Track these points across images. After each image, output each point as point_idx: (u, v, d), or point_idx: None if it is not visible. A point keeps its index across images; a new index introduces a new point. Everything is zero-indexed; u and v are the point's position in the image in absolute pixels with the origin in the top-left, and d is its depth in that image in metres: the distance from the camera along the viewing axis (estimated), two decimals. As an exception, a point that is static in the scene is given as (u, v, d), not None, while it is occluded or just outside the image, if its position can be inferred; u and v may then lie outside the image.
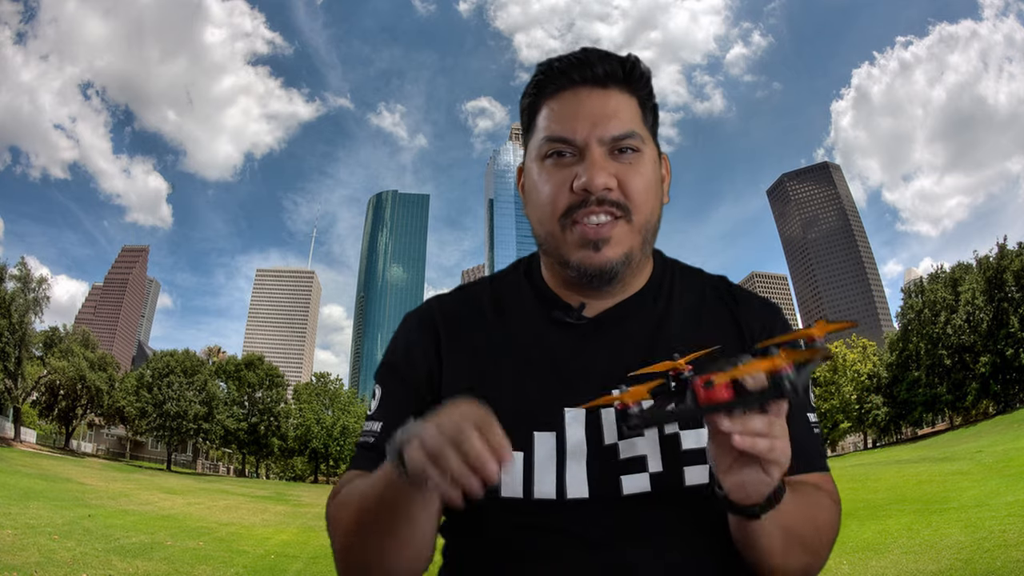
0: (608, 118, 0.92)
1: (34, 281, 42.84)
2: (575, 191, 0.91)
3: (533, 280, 1.05)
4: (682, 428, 0.90)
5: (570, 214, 0.92)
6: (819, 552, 0.91)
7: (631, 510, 0.88)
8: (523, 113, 1.00)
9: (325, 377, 63.30)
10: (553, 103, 0.95)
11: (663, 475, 0.89)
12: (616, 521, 0.88)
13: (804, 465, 0.94)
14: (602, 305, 0.99)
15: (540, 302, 1.01)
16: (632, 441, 0.89)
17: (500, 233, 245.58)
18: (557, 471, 0.89)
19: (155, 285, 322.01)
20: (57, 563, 7.42)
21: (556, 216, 0.93)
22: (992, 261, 43.45)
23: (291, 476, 64.07)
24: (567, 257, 0.94)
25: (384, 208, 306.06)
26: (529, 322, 0.99)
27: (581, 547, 0.88)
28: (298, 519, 18.16)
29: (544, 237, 0.97)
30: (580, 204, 0.91)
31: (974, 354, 42.91)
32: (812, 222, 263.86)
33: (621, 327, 0.97)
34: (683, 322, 0.99)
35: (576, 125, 0.92)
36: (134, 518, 13.41)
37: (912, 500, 11.61)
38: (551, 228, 0.94)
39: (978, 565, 6.33)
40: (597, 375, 0.92)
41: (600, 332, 0.97)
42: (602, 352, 0.95)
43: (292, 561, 9.86)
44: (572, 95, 0.94)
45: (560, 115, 0.94)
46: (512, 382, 0.94)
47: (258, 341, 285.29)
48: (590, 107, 0.93)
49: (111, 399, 48.78)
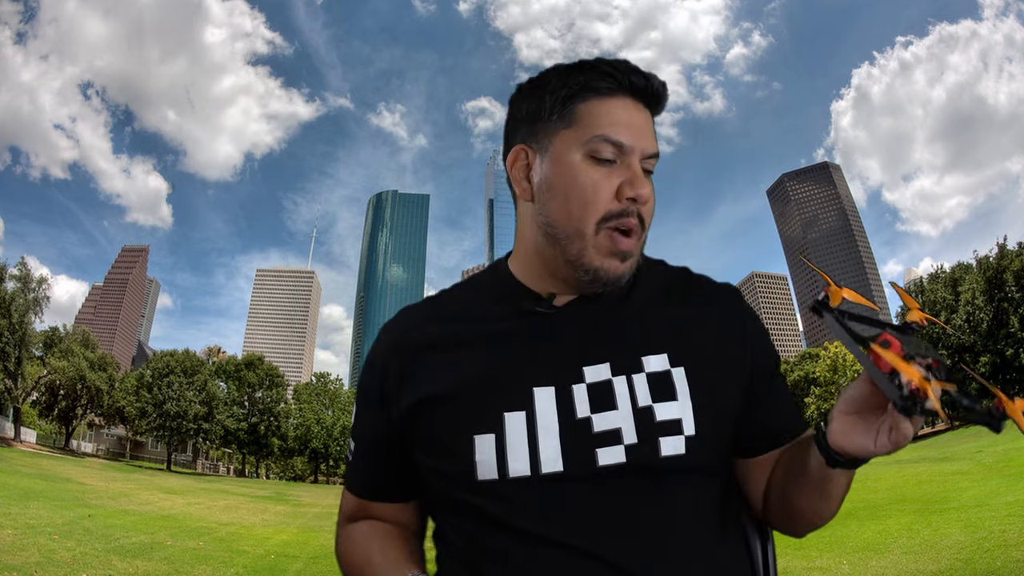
0: (649, 134, 0.96)
1: (34, 281, 42.83)
2: (622, 199, 0.92)
3: (500, 274, 1.06)
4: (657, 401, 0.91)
5: (608, 220, 0.93)
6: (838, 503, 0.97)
7: (607, 484, 0.88)
8: (555, 102, 0.97)
9: (325, 377, 63.34)
10: (607, 103, 0.95)
11: (638, 447, 0.88)
12: (593, 498, 0.87)
13: (804, 427, 1.02)
14: (570, 296, 1.00)
15: (509, 293, 1.02)
16: (606, 414, 0.90)
17: (500, 233, 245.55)
18: (530, 447, 0.89)
19: (155, 285, 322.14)
20: (57, 563, 7.41)
21: (595, 218, 0.93)
22: (992, 261, 43.45)
23: (291, 476, 64.15)
24: (588, 260, 0.94)
25: (384, 208, 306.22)
26: (496, 312, 1.01)
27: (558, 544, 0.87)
28: (298, 519, 18.16)
29: (571, 232, 0.95)
30: (621, 213, 0.93)
31: (974, 354, 42.93)
32: (812, 222, 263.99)
33: (589, 311, 0.99)
34: (648, 300, 1.01)
35: (631, 133, 0.94)
36: (134, 518, 13.41)
37: (912, 500, 11.62)
38: (582, 228, 0.93)
39: (978, 565, 6.34)
40: (566, 354, 0.94)
41: (568, 317, 0.98)
42: (571, 332, 0.96)
43: (292, 561, 9.86)
44: (622, 103, 0.95)
45: (615, 118, 0.94)
46: (481, 368, 0.95)
47: (258, 341, 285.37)
48: (639, 120, 0.95)
49: (111, 399, 48.78)
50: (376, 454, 1.04)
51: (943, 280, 47.38)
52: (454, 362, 0.97)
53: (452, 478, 0.92)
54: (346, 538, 1.06)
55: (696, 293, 1.04)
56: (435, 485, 0.97)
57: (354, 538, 1.05)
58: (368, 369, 1.06)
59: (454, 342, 0.99)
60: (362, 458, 1.06)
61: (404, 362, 1.01)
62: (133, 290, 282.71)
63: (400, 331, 1.04)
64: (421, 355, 1.00)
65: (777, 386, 1.02)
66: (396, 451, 1.01)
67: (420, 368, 0.99)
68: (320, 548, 11.47)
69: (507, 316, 1.00)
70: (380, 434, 1.02)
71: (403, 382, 0.99)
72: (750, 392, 0.98)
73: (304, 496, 30.79)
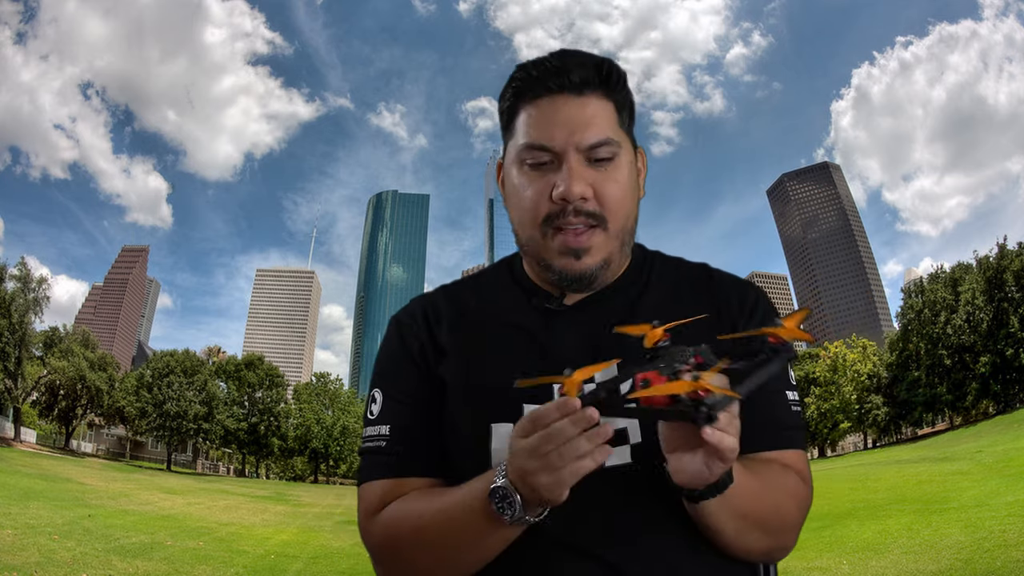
0: (585, 126, 0.93)
1: (34, 281, 42.86)
2: (554, 200, 0.93)
3: (515, 272, 1.08)
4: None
5: (551, 222, 0.95)
6: (782, 534, 0.93)
7: (612, 483, 0.88)
8: (502, 115, 1.02)
9: (325, 377, 63.33)
10: (531, 109, 0.96)
11: (643, 446, 0.89)
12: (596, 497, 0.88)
13: (776, 442, 0.97)
14: (581, 295, 1.02)
15: (521, 291, 1.05)
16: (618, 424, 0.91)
17: (500, 233, 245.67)
18: None
19: (155, 285, 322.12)
20: (57, 563, 7.42)
21: (537, 223, 0.96)
22: (992, 261, 43.45)
23: (291, 476, 64.12)
24: (549, 262, 0.97)
25: (384, 208, 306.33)
26: (510, 308, 1.03)
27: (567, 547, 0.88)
28: (298, 519, 18.16)
29: (525, 240, 1.00)
30: (560, 213, 0.94)
31: (974, 354, 42.90)
32: (812, 222, 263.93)
33: (599, 309, 1.00)
34: (660, 300, 1.02)
35: (554, 132, 0.93)
36: (134, 518, 13.41)
37: (912, 500, 11.61)
38: (532, 233, 0.97)
39: (978, 565, 6.34)
40: (576, 352, 0.95)
41: (579, 315, 1.00)
42: (581, 330, 0.98)
43: (292, 561, 9.86)
44: (549, 102, 0.95)
45: (538, 122, 0.95)
46: (497, 362, 0.97)
47: (258, 341, 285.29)
48: (567, 114, 0.94)
49: (111, 399, 48.77)
50: (418, 415, 0.99)
51: (943, 280, 47.34)
52: (474, 349, 1.00)
53: (462, 465, 0.93)
54: (388, 516, 0.94)
55: (710, 292, 1.04)
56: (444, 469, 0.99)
57: (401, 508, 0.94)
58: (397, 351, 1.05)
59: (474, 331, 1.01)
60: (402, 427, 1.00)
61: (435, 334, 1.03)
62: (133, 290, 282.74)
63: (427, 305, 1.07)
64: (447, 334, 1.02)
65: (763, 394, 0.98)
66: (437, 410, 0.99)
67: (450, 343, 1.02)
68: (320, 548, 11.47)
69: (522, 311, 1.02)
70: (422, 391, 1.00)
71: (438, 351, 1.02)
72: None
73: (304, 496, 30.78)
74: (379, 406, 1.03)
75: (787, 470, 0.96)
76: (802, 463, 0.99)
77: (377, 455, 0.99)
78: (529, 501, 0.78)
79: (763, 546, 0.92)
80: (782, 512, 0.92)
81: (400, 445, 0.99)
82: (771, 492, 0.91)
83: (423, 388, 1.01)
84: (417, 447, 0.98)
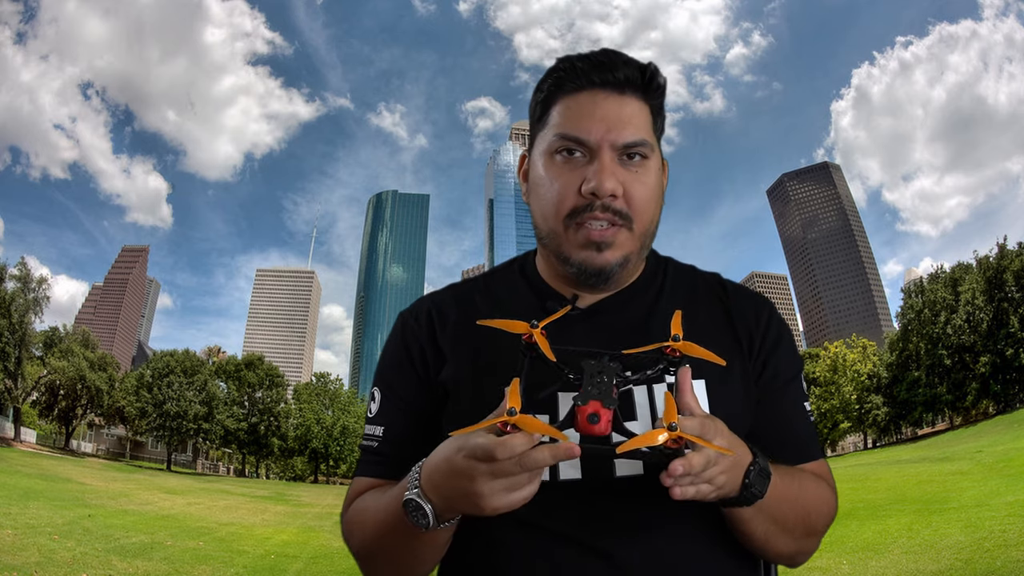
0: (623, 124, 0.93)
1: (34, 281, 42.88)
2: (583, 194, 0.93)
3: (527, 274, 1.07)
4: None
5: (575, 216, 0.94)
6: (808, 539, 0.96)
7: (622, 493, 0.89)
8: (536, 105, 1.00)
9: (325, 377, 63.30)
10: (570, 101, 0.96)
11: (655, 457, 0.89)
12: (607, 505, 0.89)
13: (803, 457, 1.00)
14: (595, 298, 1.01)
15: (534, 293, 1.04)
16: (625, 424, 0.89)
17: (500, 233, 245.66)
18: None
19: (155, 285, 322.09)
20: (57, 563, 7.42)
21: (561, 215, 0.95)
22: (992, 261, 43.47)
23: (291, 476, 64.06)
24: (569, 255, 0.96)
25: (384, 208, 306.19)
26: (523, 311, 1.01)
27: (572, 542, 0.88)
28: (298, 519, 18.16)
29: (546, 232, 0.98)
30: (586, 207, 0.93)
31: (974, 354, 42.91)
32: (812, 222, 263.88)
33: (612, 315, 1.00)
34: (676, 307, 1.00)
35: (591, 126, 0.93)
36: (134, 518, 13.41)
37: (912, 500, 11.62)
38: (554, 226, 0.96)
39: (978, 565, 6.34)
40: None
41: (592, 319, 1.00)
42: (595, 337, 0.97)
43: (292, 561, 9.86)
44: (590, 96, 0.94)
45: (576, 114, 0.94)
46: (508, 367, 0.95)
47: (258, 341, 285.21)
48: (606, 110, 0.94)
49: (111, 399, 48.78)
50: (410, 422, 1.02)
51: (943, 280, 47.35)
52: (482, 356, 0.98)
53: None
54: (352, 509, 1.02)
55: (724, 303, 1.04)
56: None
57: (358, 503, 1.01)
58: (400, 352, 1.05)
59: (485, 333, 0.98)
60: (395, 431, 1.03)
61: (438, 338, 1.03)
62: (133, 290, 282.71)
63: (433, 306, 1.07)
64: (453, 336, 1.02)
65: (784, 410, 1.00)
66: (431, 417, 1.00)
67: (453, 347, 1.01)
68: (320, 548, 11.46)
69: (534, 314, 0.99)
70: (419, 399, 1.02)
71: (439, 356, 1.02)
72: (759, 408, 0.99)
73: (304, 496, 30.78)
74: (377, 406, 1.05)
75: (819, 479, 0.99)
76: (827, 471, 1.03)
77: (368, 454, 1.04)
78: (442, 513, 0.81)
79: (790, 550, 0.94)
80: (812, 519, 0.94)
81: (389, 448, 1.02)
82: (804, 499, 0.93)
83: (420, 396, 1.01)
84: (404, 453, 0.99)
